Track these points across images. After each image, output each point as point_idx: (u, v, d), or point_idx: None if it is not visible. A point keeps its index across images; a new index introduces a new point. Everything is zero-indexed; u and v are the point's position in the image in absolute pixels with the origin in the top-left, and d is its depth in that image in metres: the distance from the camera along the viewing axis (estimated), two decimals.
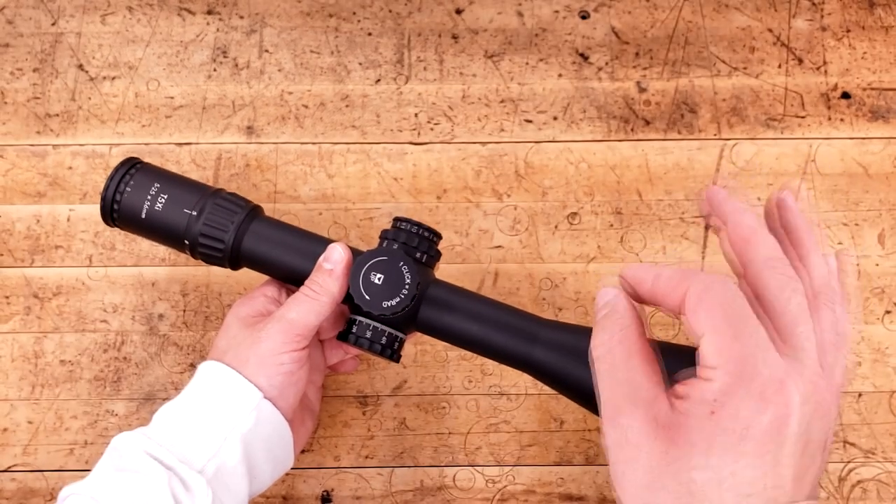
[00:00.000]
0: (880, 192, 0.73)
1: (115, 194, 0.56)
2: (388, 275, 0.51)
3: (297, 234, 0.57)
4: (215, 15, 0.78)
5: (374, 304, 0.51)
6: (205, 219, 0.55)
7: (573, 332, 0.51)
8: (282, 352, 0.52)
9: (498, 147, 0.74)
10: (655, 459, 0.36)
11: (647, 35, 0.78)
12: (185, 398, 0.53)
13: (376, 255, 0.52)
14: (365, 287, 0.52)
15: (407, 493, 0.65)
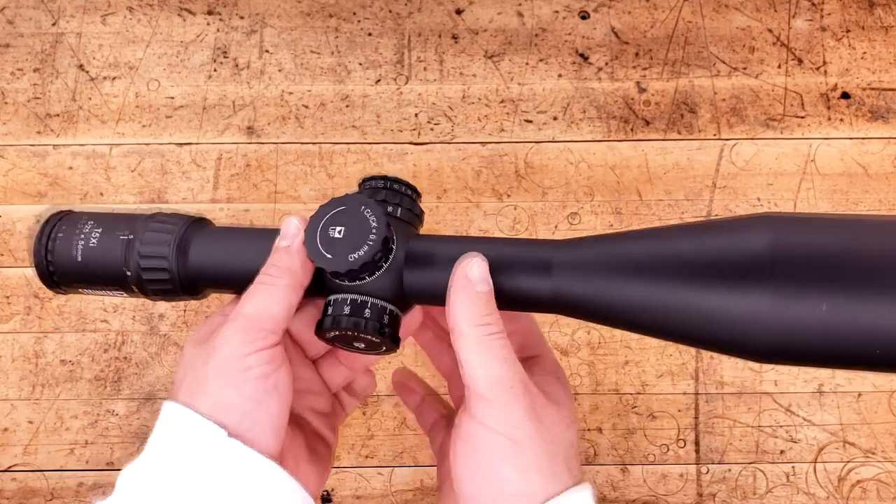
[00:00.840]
0: (880, 192, 0.73)
1: (45, 252, 0.46)
2: (351, 225, 0.41)
3: (250, 234, 0.46)
4: (215, 15, 0.78)
5: (337, 262, 0.41)
6: (140, 242, 0.45)
7: (592, 245, 0.41)
8: (244, 354, 0.41)
9: (498, 147, 0.74)
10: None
11: (647, 35, 0.78)
12: (147, 456, 0.42)
13: (332, 206, 0.42)
14: (324, 245, 0.41)
15: (407, 492, 0.65)
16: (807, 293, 0.34)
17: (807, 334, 0.34)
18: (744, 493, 0.65)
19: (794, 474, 0.65)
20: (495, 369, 0.36)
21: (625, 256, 0.39)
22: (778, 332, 0.34)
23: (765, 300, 0.34)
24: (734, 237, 0.37)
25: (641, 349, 0.68)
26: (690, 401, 0.67)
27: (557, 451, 0.36)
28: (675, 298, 0.37)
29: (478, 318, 0.37)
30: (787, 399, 0.67)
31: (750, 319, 0.35)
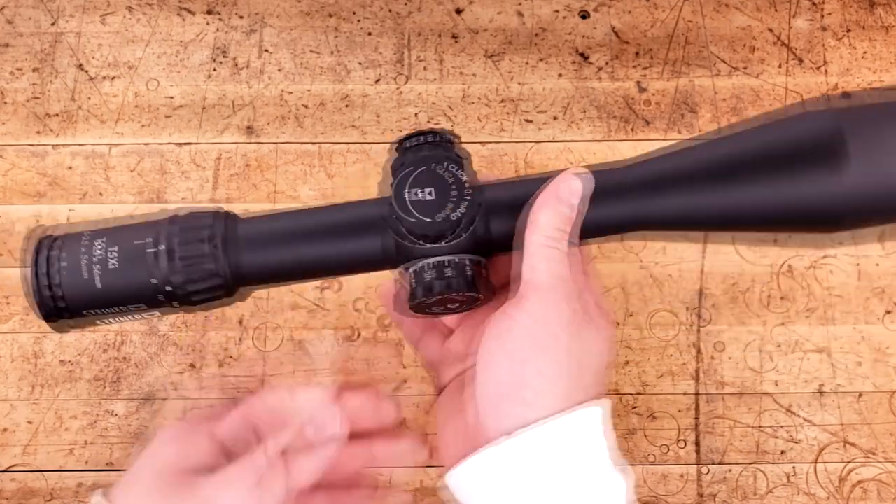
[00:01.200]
0: None
1: (49, 285, 0.42)
2: (438, 185, 0.38)
3: (295, 218, 0.41)
4: (215, 15, 0.78)
5: (438, 224, 0.37)
6: (177, 250, 0.39)
7: (661, 161, 0.41)
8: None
9: (498, 147, 0.74)
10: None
11: (647, 35, 0.77)
12: None
13: (410, 166, 0.39)
14: (417, 208, 0.38)
15: (407, 492, 0.65)
16: (882, 148, 0.39)
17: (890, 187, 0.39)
18: (744, 494, 0.65)
19: (795, 475, 0.65)
20: (557, 270, 0.36)
21: (699, 164, 0.41)
22: (866, 190, 0.40)
23: (848, 166, 0.39)
24: (797, 127, 0.42)
25: (642, 349, 0.68)
26: (691, 401, 0.67)
27: (590, 365, 0.36)
28: (758, 190, 0.39)
29: (559, 222, 0.37)
30: (788, 399, 0.67)
31: (836, 188, 0.39)
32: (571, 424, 0.35)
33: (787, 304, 0.69)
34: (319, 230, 0.40)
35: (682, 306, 0.70)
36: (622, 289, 0.70)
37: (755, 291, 0.70)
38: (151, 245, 0.39)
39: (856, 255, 0.71)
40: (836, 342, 0.68)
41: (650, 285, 0.70)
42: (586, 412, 0.35)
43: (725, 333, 0.69)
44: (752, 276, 0.70)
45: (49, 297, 0.42)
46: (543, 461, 0.34)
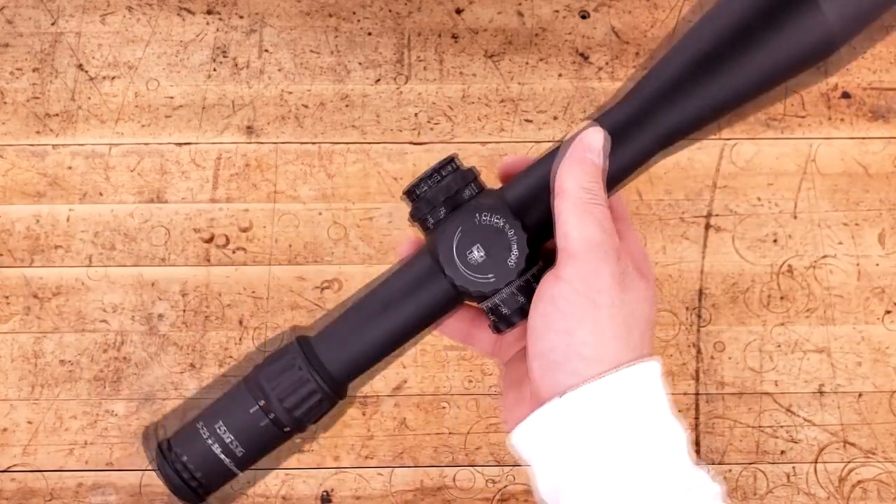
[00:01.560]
0: (880, 191, 0.73)
1: (194, 481, 0.43)
2: (485, 241, 0.38)
3: (362, 308, 0.42)
4: (215, 15, 0.78)
5: (504, 276, 0.38)
6: (278, 396, 0.41)
7: (657, 76, 0.40)
8: None
9: (498, 147, 0.74)
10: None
11: (648, 35, 0.78)
12: None
13: (457, 226, 0.38)
14: (475, 271, 0.38)
15: (407, 493, 0.65)
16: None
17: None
18: (744, 494, 0.65)
19: (795, 475, 0.65)
20: (593, 231, 0.36)
21: (691, 61, 0.40)
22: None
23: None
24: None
25: None
26: (691, 401, 0.67)
27: (636, 323, 0.37)
28: (754, 58, 0.40)
29: (585, 181, 0.37)
30: (788, 399, 0.67)
31: (818, 22, 0.40)
32: (628, 378, 0.36)
33: (787, 304, 0.69)
34: (385, 314, 0.41)
35: (682, 306, 0.70)
36: None
37: (755, 291, 0.70)
38: (260, 410, 0.41)
39: (856, 255, 0.71)
40: (836, 342, 0.68)
41: None
42: (642, 366, 0.36)
43: (725, 333, 0.69)
44: (752, 276, 0.70)
45: (196, 493, 0.44)
46: (603, 414, 0.35)
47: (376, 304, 0.41)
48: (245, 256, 0.71)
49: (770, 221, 0.72)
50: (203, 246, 0.71)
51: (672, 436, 0.35)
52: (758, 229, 0.71)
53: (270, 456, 0.47)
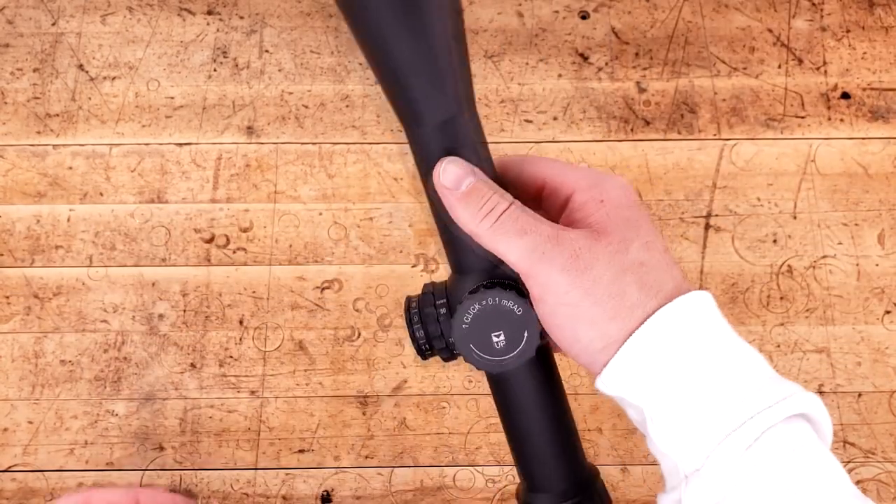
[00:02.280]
0: (880, 192, 0.73)
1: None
2: (503, 326, 0.39)
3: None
4: (215, 15, 0.78)
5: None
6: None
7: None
8: None
9: (498, 147, 0.74)
10: (601, 259, 0.35)
11: (647, 35, 0.78)
12: None
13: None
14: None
15: (407, 492, 0.65)
16: None
17: None
18: None
19: None
20: (518, 246, 0.35)
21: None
22: None
23: None
24: None
25: None
26: None
27: (624, 283, 0.34)
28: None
29: (477, 213, 0.36)
30: None
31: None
32: (686, 305, 0.34)
33: (787, 305, 0.70)
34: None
35: None
36: None
37: (755, 291, 0.70)
38: None
39: (855, 256, 0.71)
40: (836, 342, 0.69)
41: None
42: (693, 294, 0.34)
43: None
44: (752, 276, 0.70)
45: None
46: (681, 338, 0.34)
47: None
48: (245, 256, 0.71)
49: (770, 222, 0.72)
50: (203, 246, 0.71)
51: (751, 352, 0.34)
52: (757, 229, 0.72)
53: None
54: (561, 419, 0.43)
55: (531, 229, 0.35)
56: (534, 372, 0.43)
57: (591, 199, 0.37)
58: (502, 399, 0.45)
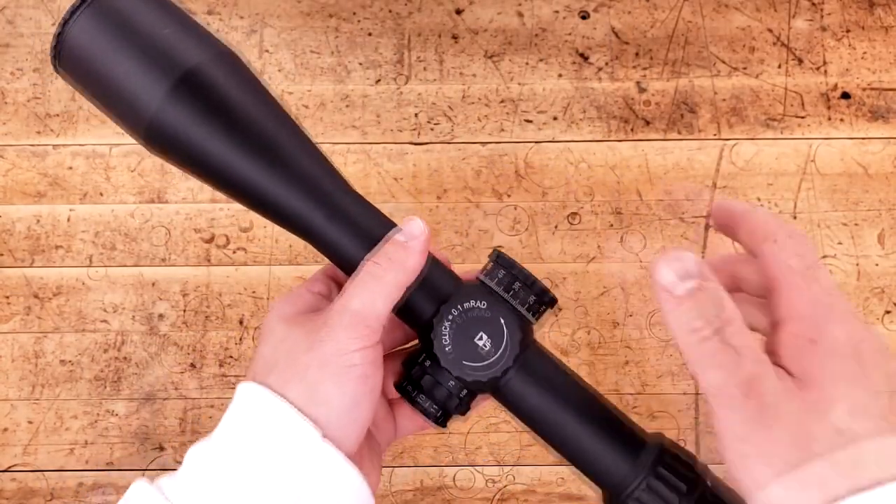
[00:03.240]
0: (880, 192, 0.73)
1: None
2: (483, 331, 0.41)
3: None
4: (215, 15, 0.78)
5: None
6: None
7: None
8: (350, 350, 0.39)
9: (498, 147, 0.74)
10: (797, 412, 0.32)
11: (647, 35, 0.78)
12: (221, 441, 0.40)
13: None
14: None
15: (407, 492, 0.65)
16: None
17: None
18: None
19: None
20: (711, 378, 0.32)
21: None
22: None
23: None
24: None
25: (641, 349, 0.68)
26: (690, 401, 0.67)
27: (807, 451, 0.31)
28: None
29: (687, 325, 0.34)
30: None
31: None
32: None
33: None
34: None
35: None
36: (622, 289, 0.70)
37: None
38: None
39: (855, 255, 0.71)
40: None
41: (650, 285, 0.70)
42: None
43: None
44: None
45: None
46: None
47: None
48: (245, 256, 0.71)
49: None
50: (203, 246, 0.71)
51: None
52: None
53: None
54: (587, 404, 0.42)
55: (731, 367, 0.33)
56: (534, 370, 0.42)
57: (804, 336, 0.33)
58: (524, 412, 0.43)
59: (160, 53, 0.41)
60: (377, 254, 0.42)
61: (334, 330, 0.40)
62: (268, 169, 0.44)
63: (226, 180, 0.43)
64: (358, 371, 0.39)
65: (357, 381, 0.39)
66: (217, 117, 0.42)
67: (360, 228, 0.44)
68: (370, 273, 0.41)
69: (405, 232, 0.43)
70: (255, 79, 0.44)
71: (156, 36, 0.41)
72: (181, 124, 0.41)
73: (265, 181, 0.44)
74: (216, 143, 0.42)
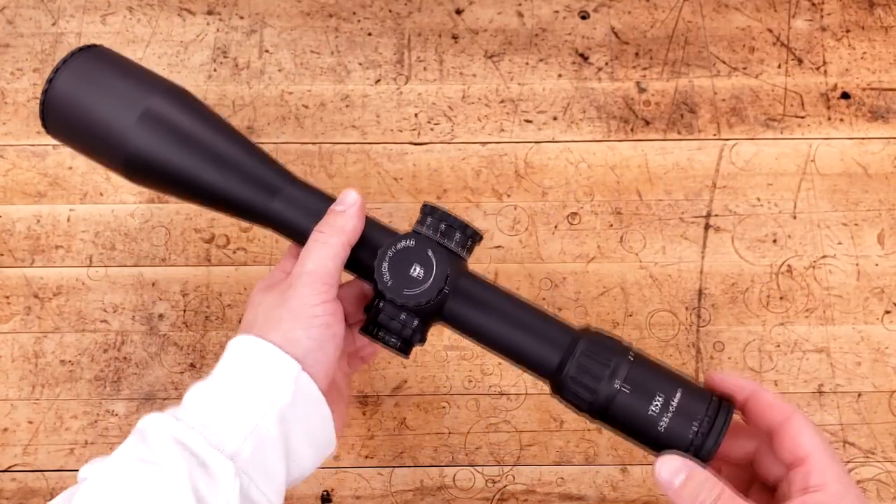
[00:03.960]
0: (880, 192, 0.73)
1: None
2: (416, 262, 0.50)
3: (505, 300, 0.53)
4: (215, 15, 0.78)
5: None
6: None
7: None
8: (313, 304, 0.49)
9: (498, 147, 0.74)
10: None
11: (647, 35, 0.78)
12: (218, 376, 0.49)
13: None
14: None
15: (407, 492, 0.65)
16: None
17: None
18: None
19: None
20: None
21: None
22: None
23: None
24: None
25: (641, 349, 0.68)
26: None
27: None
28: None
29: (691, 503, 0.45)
30: (787, 399, 0.67)
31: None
32: None
33: (787, 304, 0.70)
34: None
35: (682, 306, 0.70)
36: (622, 289, 0.70)
37: (754, 291, 0.70)
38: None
39: (855, 256, 0.71)
40: (836, 342, 0.69)
41: (649, 285, 0.70)
42: None
43: (725, 333, 0.69)
44: (752, 276, 0.70)
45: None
46: None
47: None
48: (245, 256, 0.71)
49: (769, 222, 0.72)
50: (203, 246, 0.71)
51: None
52: (757, 229, 0.72)
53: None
54: (519, 314, 0.52)
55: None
56: (470, 293, 0.52)
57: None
58: (469, 329, 0.52)
59: (124, 98, 0.53)
60: (321, 223, 0.51)
61: (296, 289, 0.50)
62: (222, 172, 0.53)
63: (192, 188, 0.53)
64: (321, 320, 0.49)
65: (321, 328, 0.49)
66: (180, 139, 0.53)
67: (307, 208, 0.53)
68: (317, 240, 0.50)
69: (341, 201, 0.52)
70: (203, 106, 0.55)
71: (117, 85, 0.53)
72: (151, 150, 0.52)
73: (221, 182, 0.53)
74: (183, 158, 0.53)
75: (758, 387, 0.49)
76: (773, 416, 0.48)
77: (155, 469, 0.46)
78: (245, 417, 0.47)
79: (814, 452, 0.46)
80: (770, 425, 0.48)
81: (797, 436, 0.47)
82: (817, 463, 0.45)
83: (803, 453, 0.46)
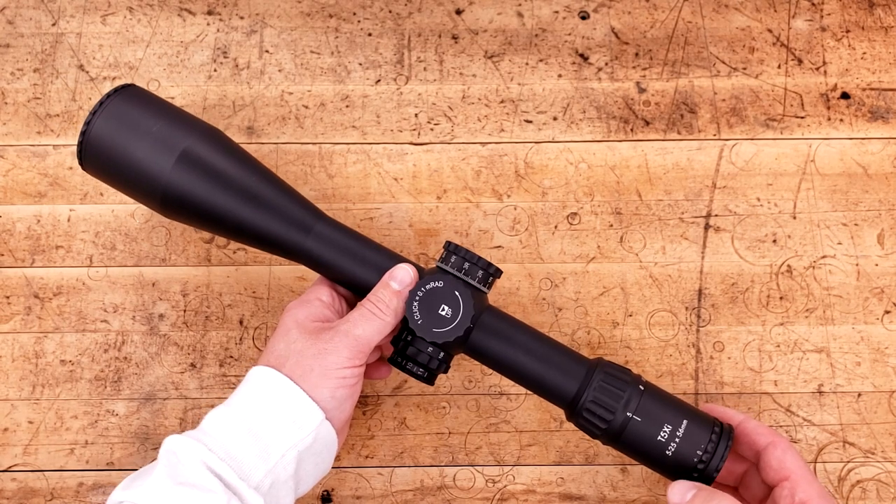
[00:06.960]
0: (880, 192, 0.73)
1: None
2: (444, 302, 0.54)
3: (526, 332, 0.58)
4: (215, 15, 0.78)
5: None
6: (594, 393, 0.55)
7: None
8: (346, 366, 0.53)
9: (498, 147, 0.74)
10: None
11: (647, 35, 0.78)
12: (243, 406, 0.53)
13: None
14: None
15: (407, 492, 0.65)
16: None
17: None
18: None
19: None
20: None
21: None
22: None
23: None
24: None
25: (641, 349, 0.68)
26: (690, 400, 0.67)
27: None
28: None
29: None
30: (787, 399, 0.67)
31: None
32: None
33: (787, 305, 0.70)
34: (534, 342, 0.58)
35: (682, 306, 0.70)
36: (622, 289, 0.70)
37: (754, 291, 0.70)
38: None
39: (855, 256, 0.71)
40: (835, 342, 0.69)
41: (649, 285, 0.70)
42: None
43: (724, 333, 0.69)
44: (752, 277, 0.70)
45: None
46: None
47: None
48: (245, 257, 0.71)
49: (769, 222, 0.72)
50: (203, 246, 0.71)
51: None
52: (757, 229, 0.72)
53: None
54: (538, 346, 0.56)
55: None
56: (492, 327, 0.56)
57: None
58: (491, 360, 0.56)
59: (162, 141, 0.56)
60: (378, 296, 0.55)
61: (338, 347, 0.53)
62: (256, 210, 0.56)
63: (227, 225, 0.57)
64: (348, 382, 0.54)
65: (345, 389, 0.54)
66: (217, 180, 0.56)
67: (337, 245, 0.57)
68: (374, 313, 0.54)
69: (398, 278, 0.55)
70: (236, 146, 0.59)
71: (153, 128, 0.56)
72: (189, 190, 0.56)
73: (258, 220, 0.56)
74: (220, 198, 0.56)
75: (746, 416, 0.57)
76: (760, 440, 0.55)
77: (196, 492, 0.49)
78: (268, 454, 0.51)
79: (798, 471, 0.53)
80: (758, 448, 0.55)
81: (783, 456, 0.54)
82: (801, 480, 0.52)
83: (788, 472, 0.53)
